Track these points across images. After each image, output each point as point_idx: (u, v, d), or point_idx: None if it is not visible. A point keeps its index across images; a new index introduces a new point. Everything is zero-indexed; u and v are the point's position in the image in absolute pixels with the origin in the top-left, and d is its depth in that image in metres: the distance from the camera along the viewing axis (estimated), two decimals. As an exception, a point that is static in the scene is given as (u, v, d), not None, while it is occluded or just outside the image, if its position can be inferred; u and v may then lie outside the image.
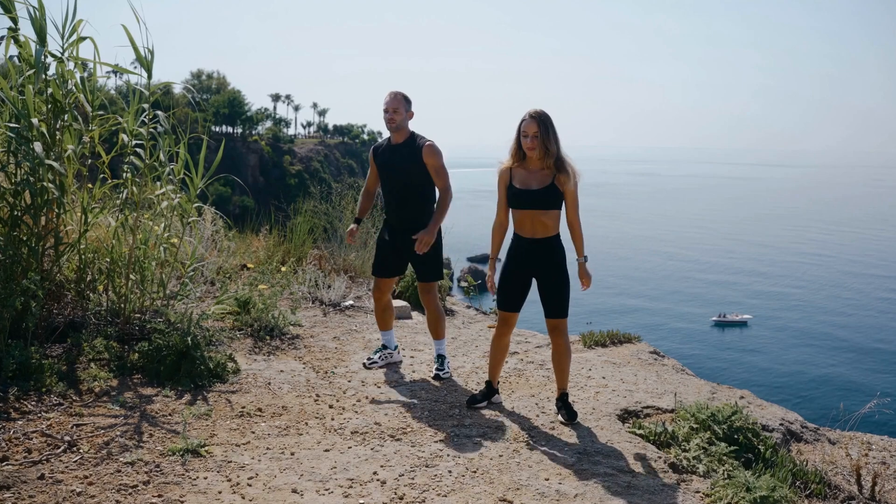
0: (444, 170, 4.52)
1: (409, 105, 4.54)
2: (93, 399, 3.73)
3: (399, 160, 4.53)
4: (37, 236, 4.32)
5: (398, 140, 4.57)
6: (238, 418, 3.71)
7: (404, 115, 4.51)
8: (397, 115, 4.47)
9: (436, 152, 4.49)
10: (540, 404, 4.25)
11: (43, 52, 4.22)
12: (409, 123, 4.57)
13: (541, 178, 3.93)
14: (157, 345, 4.21)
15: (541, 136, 3.84)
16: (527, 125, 3.87)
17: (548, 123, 3.86)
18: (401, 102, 4.48)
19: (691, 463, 3.54)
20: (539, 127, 3.84)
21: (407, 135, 4.56)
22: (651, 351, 6.03)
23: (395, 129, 4.52)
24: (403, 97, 4.51)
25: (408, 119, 4.55)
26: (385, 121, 4.52)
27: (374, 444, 3.50)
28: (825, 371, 39.18)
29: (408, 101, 4.53)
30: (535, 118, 3.85)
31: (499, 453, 3.47)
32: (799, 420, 4.74)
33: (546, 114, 3.89)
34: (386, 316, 4.88)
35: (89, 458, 3.07)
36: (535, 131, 3.84)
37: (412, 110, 4.57)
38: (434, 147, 4.49)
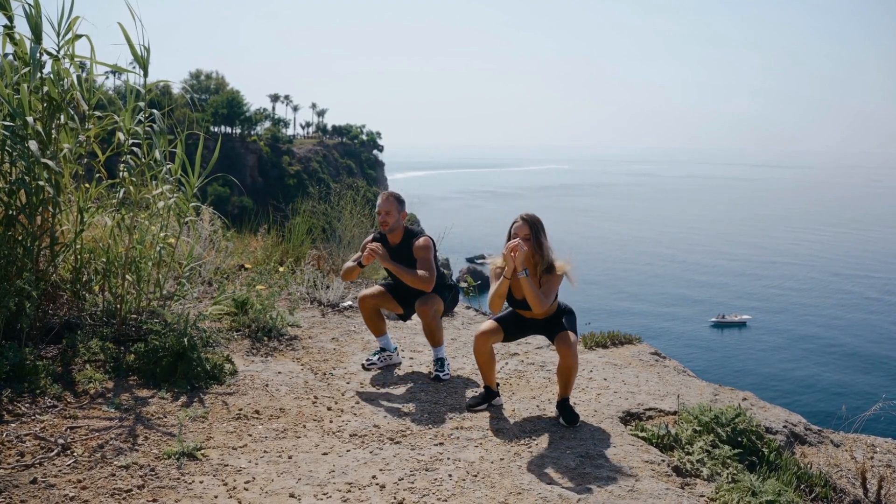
0: (430, 263, 4.52)
1: (402, 206, 4.64)
2: (88, 401, 3.68)
3: (400, 262, 4.55)
4: (32, 236, 4.26)
5: (395, 241, 4.65)
6: (235, 421, 3.66)
7: (397, 217, 4.59)
8: (390, 217, 4.57)
9: (425, 247, 4.54)
10: (541, 406, 4.20)
11: (38, 49, 4.17)
12: (402, 223, 4.66)
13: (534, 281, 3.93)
14: (154, 346, 4.16)
15: (532, 240, 3.85)
16: (517, 228, 3.89)
17: (538, 228, 3.89)
18: (393, 205, 4.58)
19: (695, 466, 3.49)
20: (530, 230, 3.86)
21: (402, 234, 4.64)
22: (652, 352, 5.98)
23: (389, 231, 4.62)
24: (396, 199, 4.61)
25: (401, 220, 4.64)
26: (378, 223, 4.62)
27: (373, 447, 3.45)
28: (824, 371, 39.17)
29: (400, 203, 4.63)
30: (526, 221, 3.88)
31: (500, 457, 3.42)
32: (802, 422, 4.69)
33: (536, 217, 3.92)
34: (375, 321, 4.84)
35: (83, 462, 3.02)
36: (526, 234, 3.85)
37: (405, 210, 4.67)
38: (425, 244, 4.54)
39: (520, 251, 3.73)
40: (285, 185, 79.39)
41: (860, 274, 64.48)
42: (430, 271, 4.48)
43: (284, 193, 14.94)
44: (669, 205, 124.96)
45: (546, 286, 3.88)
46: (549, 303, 3.85)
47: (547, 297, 3.84)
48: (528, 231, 3.85)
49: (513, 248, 3.74)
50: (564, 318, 4.01)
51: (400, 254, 4.58)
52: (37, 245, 4.31)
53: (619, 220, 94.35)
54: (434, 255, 4.60)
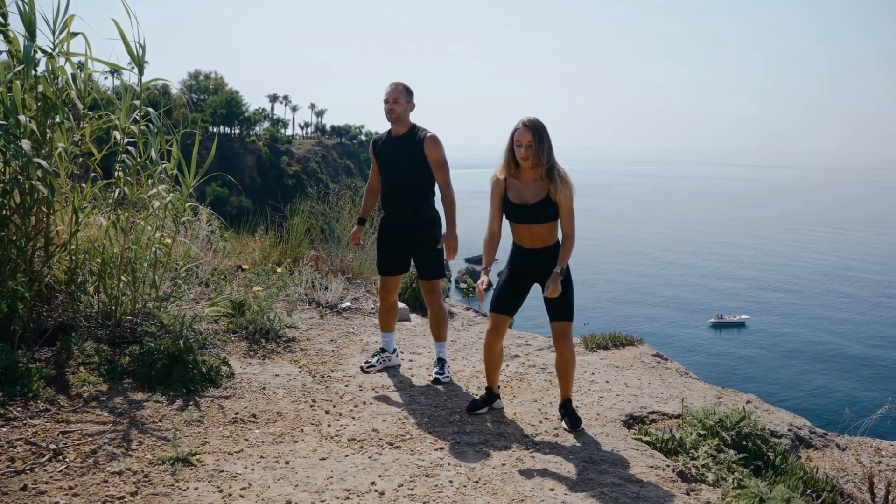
0: (445, 164, 4.38)
1: (411, 96, 4.41)
2: (81, 404, 3.61)
3: (400, 153, 4.39)
4: (26, 236, 4.20)
5: (399, 132, 4.43)
6: (231, 425, 3.59)
7: (405, 106, 4.38)
8: (398, 105, 4.34)
9: (437, 144, 4.35)
10: (543, 409, 4.13)
11: (32, 47, 4.10)
12: (410, 115, 4.44)
13: (536, 191, 3.78)
14: (149, 348, 4.09)
15: (535, 146, 3.70)
16: (520, 134, 3.72)
17: (542, 133, 3.72)
18: (401, 93, 4.35)
19: (700, 471, 3.42)
20: (533, 136, 3.69)
21: (408, 126, 4.42)
22: (654, 354, 5.92)
23: (396, 119, 4.38)
24: (405, 88, 4.39)
25: (409, 110, 4.42)
26: (385, 111, 4.39)
27: (372, 453, 3.37)
28: (824, 371, 39.14)
29: (409, 92, 4.40)
30: (529, 127, 3.70)
31: (501, 462, 3.34)
32: (807, 425, 4.63)
33: (540, 122, 3.74)
34: (389, 317, 4.75)
35: (75, 468, 2.95)
36: (530, 141, 3.70)
37: (413, 102, 4.43)
38: (436, 139, 4.35)
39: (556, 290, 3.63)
40: (284, 186, 79.34)
41: (859, 274, 64.48)
42: (446, 175, 4.38)
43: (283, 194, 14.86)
44: (668, 205, 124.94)
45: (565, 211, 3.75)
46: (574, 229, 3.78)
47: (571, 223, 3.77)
48: (531, 138, 3.69)
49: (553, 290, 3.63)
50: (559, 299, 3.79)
51: (403, 145, 4.39)
52: (31, 246, 4.24)
53: (617, 221, 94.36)
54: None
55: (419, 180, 4.41)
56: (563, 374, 3.87)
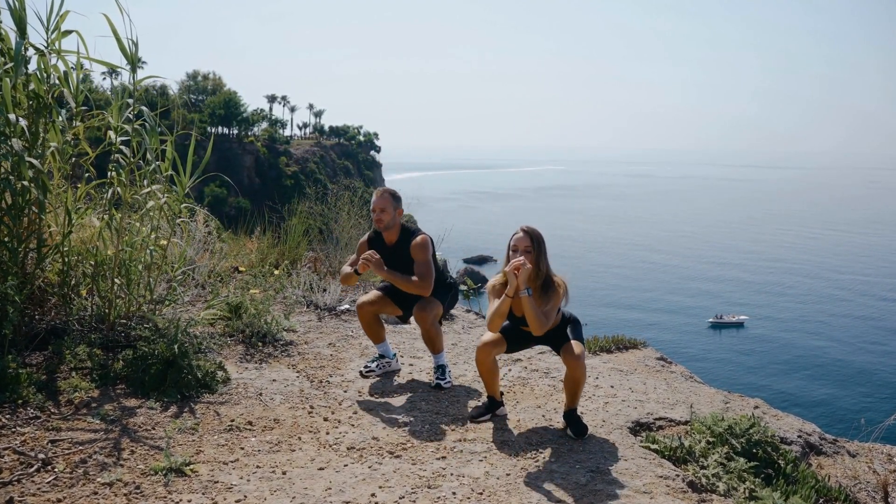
0: (428, 266, 4.32)
1: (398, 202, 4.43)
2: (72, 411, 3.50)
3: (396, 260, 4.36)
4: (17, 238, 4.09)
5: (391, 239, 4.44)
6: (226, 433, 3.48)
7: (393, 215, 4.38)
8: (385, 214, 4.35)
9: (424, 248, 4.32)
10: (547, 416, 4.02)
11: (22, 44, 4.00)
12: (399, 220, 4.44)
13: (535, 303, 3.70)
14: (143, 353, 3.98)
15: (533, 252, 3.64)
16: (518, 240, 3.68)
17: (540, 241, 3.69)
18: (388, 202, 4.37)
19: (711, 481, 3.32)
20: (532, 242, 3.65)
21: (399, 232, 4.43)
22: (658, 357, 5.82)
23: (385, 229, 4.40)
24: (391, 195, 4.40)
25: (397, 217, 4.42)
26: (374, 220, 4.41)
27: (372, 462, 3.26)
28: (825, 371, 39.08)
29: (396, 199, 4.42)
30: (528, 233, 3.68)
31: (506, 472, 3.23)
32: (817, 431, 4.52)
33: (538, 232, 3.72)
34: (374, 329, 4.64)
35: (64, 479, 2.84)
36: (527, 246, 3.64)
37: (401, 207, 4.45)
38: (423, 245, 4.32)
39: (523, 269, 3.51)
40: (282, 186, 79.30)
41: (858, 274, 64.46)
42: (427, 274, 4.30)
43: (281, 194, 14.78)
44: (667, 206, 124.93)
45: (547, 307, 3.66)
46: (549, 324, 3.64)
47: (548, 317, 3.63)
48: (530, 243, 3.65)
49: (516, 266, 3.51)
50: (569, 329, 3.83)
51: (397, 253, 4.39)
52: (24, 247, 4.13)
53: (616, 221, 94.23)
54: (433, 254, 4.42)
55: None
56: (572, 390, 3.75)
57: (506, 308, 3.62)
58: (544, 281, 3.69)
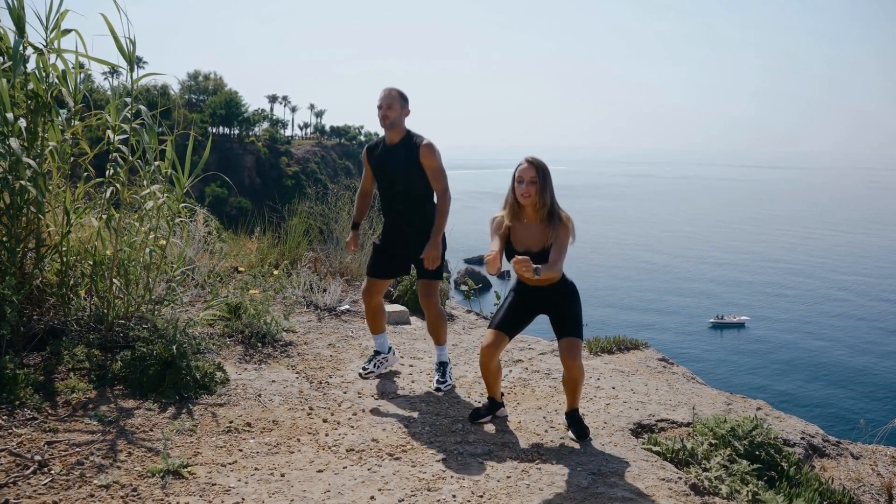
0: (441, 171, 4.24)
1: (405, 102, 4.27)
2: (69, 413, 3.47)
3: (395, 161, 4.25)
4: (15, 238, 4.06)
5: (394, 139, 4.29)
6: (225, 434, 3.44)
7: (399, 112, 4.23)
8: (391, 111, 4.20)
9: (433, 152, 4.20)
10: (548, 418, 3.99)
11: (21, 42, 3.97)
12: (404, 121, 4.29)
13: (539, 237, 3.64)
14: (141, 353, 3.95)
15: (538, 182, 3.57)
16: (523, 171, 3.59)
17: (545, 172, 3.61)
18: (395, 99, 4.21)
19: (713, 484, 3.29)
20: (537, 173, 3.57)
21: (402, 133, 4.27)
22: (660, 358, 5.79)
23: (390, 126, 4.24)
24: (398, 93, 4.24)
25: (403, 116, 4.27)
26: (379, 118, 4.25)
27: (372, 464, 3.23)
28: (827, 372, 39.03)
29: (403, 98, 4.25)
30: (533, 164, 3.59)
31: (506, 474, 3.20)
32: (820, 433, 4.49)
33: (543, 162, 3.63)
34: (377, 319, 4.60)
35: (60, 481, 2.81)
36: (532, 177, 3.57)
37: (408, 108, 4.29)
38: (432, 147, 4.20)
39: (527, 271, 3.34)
40: (283, 186, 79.25)
41: (859, 274, 64.40)
42: (444, 181, 4.23)
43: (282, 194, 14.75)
44: (667, 206, 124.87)
45: (557, 245, 3.56)
46: (562, 265, 3.56)
47: (559, 257, 3.53)
48: (535, 174, 3.56)
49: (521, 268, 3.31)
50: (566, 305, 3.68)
51: (397, 155, 4.26)
52: (22, 247, 4.10)
53: (616, 222, 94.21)
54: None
55: (417, 188, 4.28)
56: (571, 390, 3.71)
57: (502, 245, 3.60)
58: (550, 213, 3.60)
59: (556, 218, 3.62)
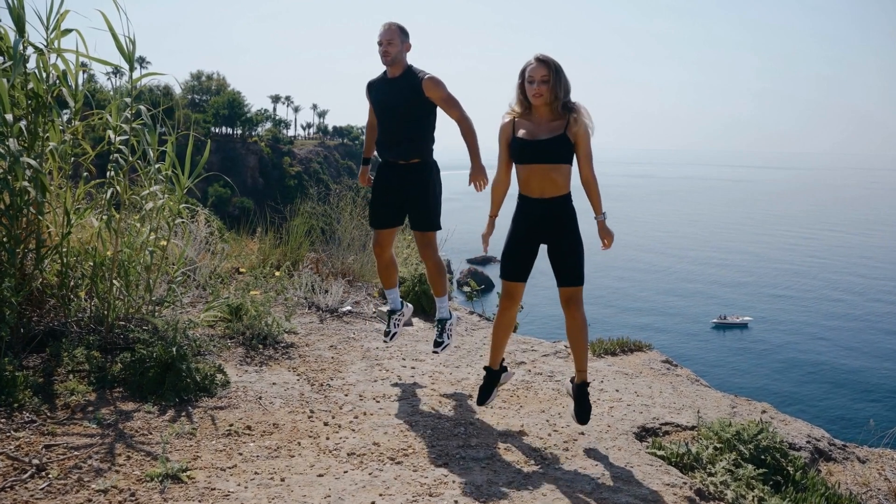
0: (452, 98, 4.15)
1: (406, 37, 4.19)
2: (68, 415, 3.43)
3: (395, 95, 4.17)
4: (15, 239, 4.03)
5: (394, 74, 4.21)
6: (225, 438, 3.41)
7: (400, 48, 4.15)
8: (392, 47, 4.12)
9: (438, 84, 4.11)
10: (551, 421, 3.95)
11: (21, 42, 3.94)
12: (406, 56, 4.22)
13: (550, 128, 3.46)
14: (140, 355, 3.92)
15: (551, 80, 3.38)
16: (533, 70, 3.39)
17: (558, 68, 3.40)
18: (395, 34, 4.13)
19: (719, 489, 3.25)
20: (549, 70, 3.37)
21: (404, 67, 4.20)
22: (663, 360, 5.75)
23: (391, 62, 4.16)
24: (398, 28, 4.16)
25: (404, 51, 4.19)
26: (380, 54, 4.17)
27: (373, 469, 3.20)
28: (829, 371, 38.94)
29: (404, 33, 4.17)
30: (545, 61, 3.39)
31: (509, 479, 3.16)
32: (826, 437, 4.45)
33: (554, 59, 3.41)
34: (389, 273, 4.61)
35: (58, 485, 2.78)
36: (544, 75, 3.37)
37: (409, 42, 4.21)
38: (435, 79, 4.12)
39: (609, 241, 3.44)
40: (286, 186, 79.20)
41: (860, 275, 64.26)
42: (459, 107, 4.15)
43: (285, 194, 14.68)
44: (667, 206, 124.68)
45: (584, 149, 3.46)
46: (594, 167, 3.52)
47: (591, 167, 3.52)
48: (547, 72, 3.38)
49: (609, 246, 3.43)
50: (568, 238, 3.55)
51: (397, 88, 4.17)
52: (22, 248, 4.07)
53: (617, 222, 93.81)
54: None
55: (416, 123, 4.18)
56: (577, 342, 3.57)
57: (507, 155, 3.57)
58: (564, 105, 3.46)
59: (571, 110, 3.46)
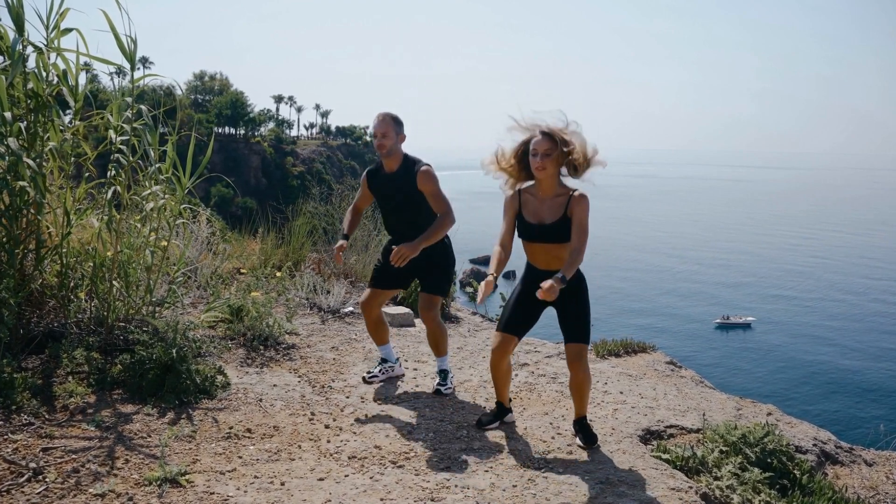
0: (441, 195, 4.15)
1: (401, 127, 4.21)
2: (66, 418, 3.40)
3: (396, 189, 4.20)
4: (14, 239, 4.00)
5: (392, 167, 4.23)
6: (224, 440, 3.37)
7: (395, 140, 4.16)
8: (387, 139, 4.13)
9: (430, 178, 4.13)
10: (555, 423, 3.91)
11: (20, 41, 3.91)
12: (401, 147, 4.24)
13: (553, 206, 3.44)
14: (140, 357, 3.88)
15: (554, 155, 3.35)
16: (537, 143, 3.35)
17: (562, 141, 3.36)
18: (390, 125, 4.14)
19: (725, 493, 3.20)
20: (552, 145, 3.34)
21: (400, 160, 4.22)
22: (668, 361, 5.71)
23: (387, 154, 4.17)
24: (393, 119, 4.17)
25: (399, 143, 4.21)
26: (375, 146, 4.20)
27: (374, 472, 3.15)
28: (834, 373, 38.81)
29: (398, 123, 4.19)
30: (548, 135, 3.34)
31: (512, 483, 3.12)
32: (832, 439, 4.40)
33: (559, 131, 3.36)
34: (380, 331, 4.50)
35: (55, 489, 2.74)
36: (547, 149, 3.34)
37: (403, 133, 4.23)
38: (428, 173, 4.13)
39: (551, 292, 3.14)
40: (289, 186, 79.18)
41: (862, 275, 64.09)
42: (444, 203, 4.10)
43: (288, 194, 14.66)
44: (668, 206, 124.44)
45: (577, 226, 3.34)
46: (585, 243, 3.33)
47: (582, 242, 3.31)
48: (551, 145, 3.32)
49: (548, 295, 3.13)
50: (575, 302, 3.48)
51: (397, 182, 4.18)
52: (22, 249, 4.04)
53: (618, 222, 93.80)
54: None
55: (419, 211, 4.20)
56: (578, 395, 3.59)
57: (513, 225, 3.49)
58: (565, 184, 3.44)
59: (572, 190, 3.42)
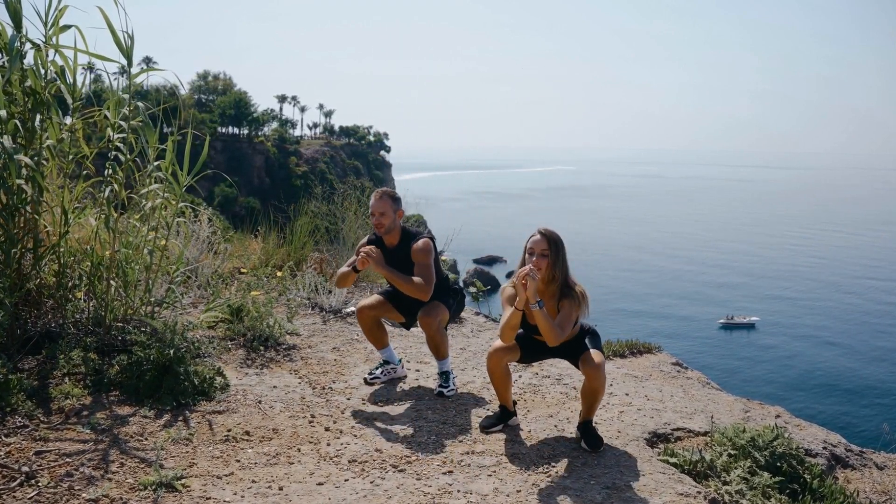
0: (429, 269, 4.12)
1: (398, 204, 4.23)
2: (61, 420, 3.34)
3: (399, 265, 4.16)
4: (11, 239, 3.94)
5: (392, 242, 4.24)
6: (222, 443, 3.30)
7: (393, 217, 4.19)
8: (385, 218, 4.16)
9: (424, 251, 4.12)
10: (559, 426, 3.83)
11: (17, 38, 3.85)
12: (399, 223, 4.25)
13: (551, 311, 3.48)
14: (137, 358, 3.82)
15: (549, 256, 3.40)
16: (534, 242, 3.43)
17: (558, 244, 3.43)
18: (388, 204, 4.16)
19: (734, 498, 3.12)
20: (549, 245, 3.41)
21: (399, 236, 4.24)
22: (673, 362, 5.63)
23: (386, 232, 4.20)
24: (390, 198, 4.20)
25: (398, 220, 4.23)
26: (373, 225, 4.22)
27: (375, 477, 3.08)
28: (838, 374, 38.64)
29: (395, 201, 4.21)
30: (545, 236, 3.42)
31: (516, 488, 3.05)
32: (842, 442, 4.32)
33: (557, 234, 3.45)
34: (378, 335, 4.45)
35: (47, 494, 2.67)
36: (544, 249, 3.40)
37: (401, 209, 4.25)
38: (425, 247, 4.13)
39: (531, 281, 3.26)
40: (292, 186, 79.18)
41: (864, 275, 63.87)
42: (428, 277, 4.08)
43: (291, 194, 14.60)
44: (669, 206, 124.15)
45: (563, 314, 3.42)
46: (565, 335, 3.39)
47: (563, 328, 3.37)
48: (547, 247, 3.41)
49: (524, 276, 3.26)
50: (588, 339, 3.58)
51: (398, 257, 4.19)
52: (19, 248, 3.98)
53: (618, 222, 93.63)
54: (435, 257, 4.21)
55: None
56: (592, 400, 3.53)
57: (517, 320, 3.40)
58: (561, 288, 3.45)
59: (568, 293, 3.46)
